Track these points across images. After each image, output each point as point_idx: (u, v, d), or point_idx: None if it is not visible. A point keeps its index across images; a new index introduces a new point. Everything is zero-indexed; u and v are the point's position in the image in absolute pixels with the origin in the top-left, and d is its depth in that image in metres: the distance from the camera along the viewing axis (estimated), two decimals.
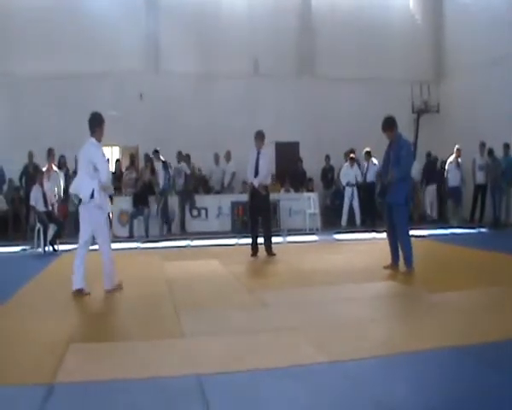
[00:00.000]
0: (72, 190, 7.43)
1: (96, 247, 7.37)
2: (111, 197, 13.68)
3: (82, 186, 7.07)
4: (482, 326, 5.15)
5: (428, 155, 17.45)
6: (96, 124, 7.20)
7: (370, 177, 15.29)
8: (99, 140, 7.21)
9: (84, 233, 7.20)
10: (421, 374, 4.05)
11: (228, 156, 16.49)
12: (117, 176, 15.38)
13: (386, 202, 8.21)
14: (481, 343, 4.59)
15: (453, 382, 3.87)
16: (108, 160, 7.48)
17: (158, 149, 14.94)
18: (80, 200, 7.09)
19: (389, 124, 8.21)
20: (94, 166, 6.96)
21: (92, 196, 6.92)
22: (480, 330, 5.00)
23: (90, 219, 7.07)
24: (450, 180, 16.03)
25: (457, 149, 15.82)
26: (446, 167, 16.08)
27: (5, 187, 15.36)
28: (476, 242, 12.06)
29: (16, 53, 16.22)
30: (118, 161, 16.63)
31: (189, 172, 15.62)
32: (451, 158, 15.96)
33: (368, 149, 15.31)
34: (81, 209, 7.15)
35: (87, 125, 7.20)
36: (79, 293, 6.96)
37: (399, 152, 8.03)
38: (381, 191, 8.40)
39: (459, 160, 15.89)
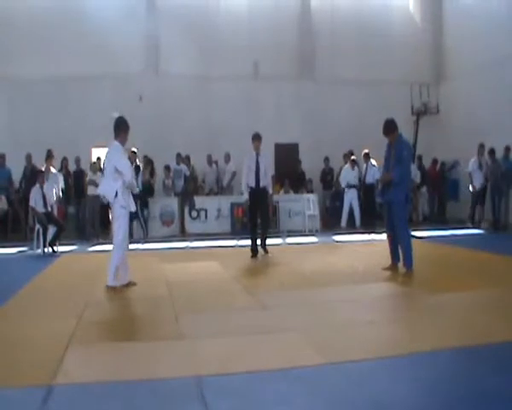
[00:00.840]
0: (99, 191, 7.98)
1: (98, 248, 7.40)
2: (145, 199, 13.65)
3: (107, 188, 7.46)
4: (482, 328, 5.15)
5: (419, 158, 17.46)
6: (120, 129, 7.48)
7: (369, 179, 15.31)
8: (122, 144, 7.51)
9: None
10: (421, 375, 4.05)
11: (227, 158, 16.52)
12: None
13: (386, 201, 8.19)
14: (481, 345, 4.60)
15: (452, 383, 3.87)
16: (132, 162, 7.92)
17: (135, 149, 14.40)
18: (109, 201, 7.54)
19: (390, 127, 8.16)
20: (116, 169, 7.28)
21: (116, 195, 7.28)
22: (479, 332, 5.00)
23: (114, 216, 7.54)
24: (474, 181, 15.27)
25: (480, 146, 15.21)
26: (469, 168, 15.42)
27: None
28: (475, 243, 12.06)
29: (16, 55, 16.25)
30: None
31: (188, 173, 15.61)
32: (474, 158, 15.29)
33: (366, 150, 15.32)
34: (112, 209, 7.62)
35: (87, 127, 7.37)
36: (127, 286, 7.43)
37: (401, 152, 8.00)
38: (381, 191, 8.37)
39: (482, 159, 15.16)
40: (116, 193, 7.27)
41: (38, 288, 7.85)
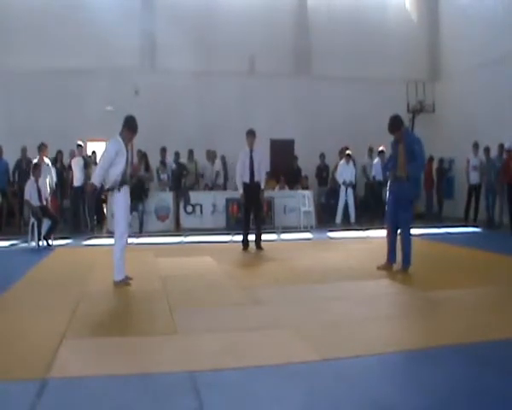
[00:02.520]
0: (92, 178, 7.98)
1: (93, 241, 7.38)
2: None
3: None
4: (477, 325, 5.18)
5: None
6: (125, 125, 7.40)
7: (378, 175, 15.40)
8: (124, 140, 7.38)
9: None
10: (416, 373, 4.08)
11: (213, 155, 16.48)
12: None
13: (396, 198, 8.09)
14: (476, 342, 4.63)
15: (448, 380, 3.89)
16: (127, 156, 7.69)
17: (81, 143, 14.76)
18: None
19: (396, 124, 8.00)
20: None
21: (101, 187, 7.38)
22: (475, 330, 5.04)
23: (113, 211, 7.57)
24: None
25: (474, 145, 14.79)
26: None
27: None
28: (470, 241, 12.10)
29: (12, 47, 16.14)
30: None
31: (174, 166, 15.63)
32: None
33: (382, 147, 15.38)
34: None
35: (82, 120, 7.29)
36: (121, 283, 7.27)
37: (412, 146, 7.86)
38: (390, 187, 8.24)
39: None
40: (101, 184, 7.32)
41: (33, 281, 7.83)
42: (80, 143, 14.74)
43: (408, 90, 18.09)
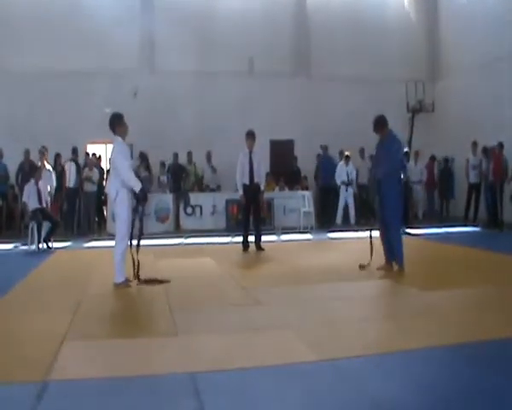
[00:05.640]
0: (106, 189, 7.92)
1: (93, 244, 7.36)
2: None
3: (109, 185, 7.56)
4: (475, 325, 5.18)
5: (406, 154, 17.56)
6: (113, 124, 7.40)
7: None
8: (123, 138, 7.45)
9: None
10: (415, 373, 4.08)
11: (189, 158, 16.52)
12: None
13: (379, 195, 8.12)
14: (476, 342, 4.62)
15: (446, 380, 3.89)
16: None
17: (76, 146, 14.95)
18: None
19: (380, 124, 8.15)
20: (114, 165, 7.26)
21: (117, 194, 7.21)
22: (473, 329, 5.03)
23: (116, 214, 7.45)
24: None
25: (473, 144, 14.90)
26: None
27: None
28: (470, 240, 12.11)
29: (12, 49, 16.18)
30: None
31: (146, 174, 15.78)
32: None
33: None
34: (112, 206, 7.51)
35: (82, 122, 7.29)
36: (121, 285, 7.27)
37: (390, 148, 8.00)
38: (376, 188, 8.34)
39: None
40: (117, 192, 7.20)
41: (33, 284, 7.84)
42: (75, 146, 14.82)
43: (407, 90, 18.10)
